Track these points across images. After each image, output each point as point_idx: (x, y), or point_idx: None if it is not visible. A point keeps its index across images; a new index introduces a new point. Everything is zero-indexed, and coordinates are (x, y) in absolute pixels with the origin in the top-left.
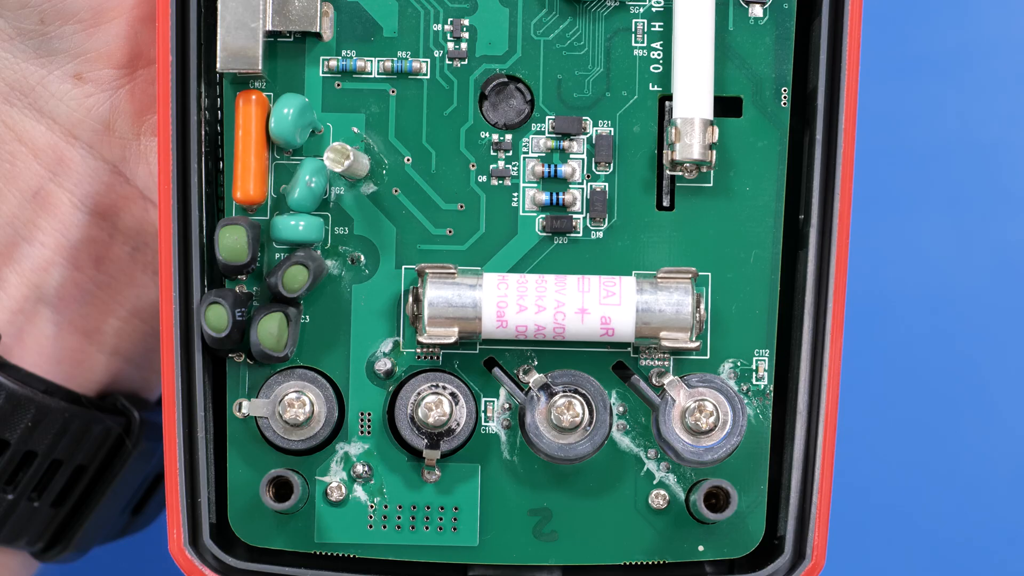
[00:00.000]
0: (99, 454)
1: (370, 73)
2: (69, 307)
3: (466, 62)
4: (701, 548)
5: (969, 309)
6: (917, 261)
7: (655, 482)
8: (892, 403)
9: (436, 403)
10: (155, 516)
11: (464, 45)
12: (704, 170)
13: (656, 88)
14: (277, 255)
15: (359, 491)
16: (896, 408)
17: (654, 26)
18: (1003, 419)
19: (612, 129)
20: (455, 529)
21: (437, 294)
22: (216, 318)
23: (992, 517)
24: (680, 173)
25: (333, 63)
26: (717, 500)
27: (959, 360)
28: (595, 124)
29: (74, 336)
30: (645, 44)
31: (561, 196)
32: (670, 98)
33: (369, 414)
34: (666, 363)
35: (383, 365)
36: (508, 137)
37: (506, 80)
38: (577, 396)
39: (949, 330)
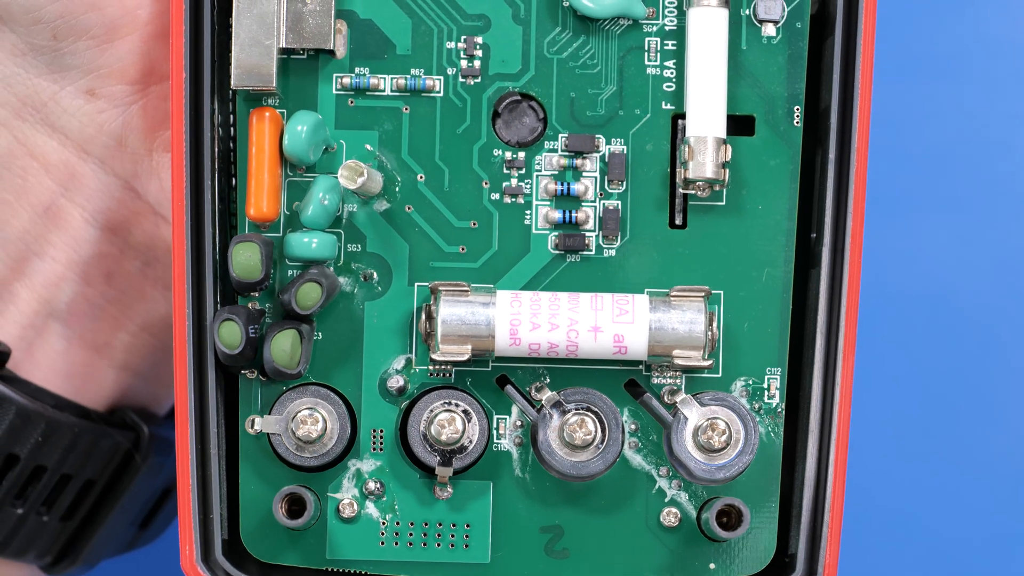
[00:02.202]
0: (108, 469)
1: (383, 90)
2: (79, 322)
3: (479, 80)
4: (713, 566)
5: (984, 323)
6: (928, 276)
7: (667, 500)
8: (904, 420)
9: (449, 420)
10: (163, 530)
11: (477, 63)
12: (717, 188)
13: (669, 106)
14: (290, 272)
15: (371, 508)
16: (908, 426)
17: (667, 45)
18: (1021, 434)
19: (625, 147)
20: (467, 546)
21: (450, 312)
22: (229, 335)
23: (1008, 535)
24: (693, 191)
25: (346, 80)
26: (729, 518)
27: (974, 376)
28: (608, 142)
29: (84, 351)
30: (658, 62)
31: (574, 214)
32: (683, 116)
33: (381, 431)
34: (678, 381)
35: (395, 382)
36: (521, 155)
37: (519, 98)
38: (589, 414)
39: (964, 345)
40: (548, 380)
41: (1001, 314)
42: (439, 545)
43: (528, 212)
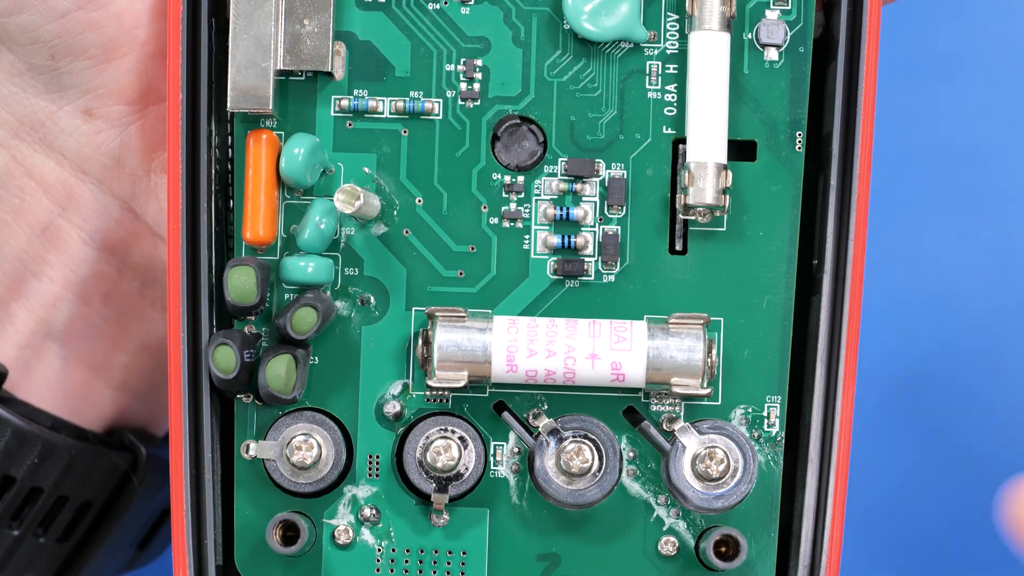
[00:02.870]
0: (105, 490)
1: (382, 113)
2: (77, 342)
3: (479, 103)
4: None
5: (987, 342)
6: (930, 288)
7: (665, 528)
8: (905, 452)
9: (445, 447)
10: (161, 551)
11: (477, 86)
12: (717, 214)
13: (670, 131)
14: (286, 296)
15: (367, 534)
16: (909, 457)
17: (668, 68)
18: None
19: (625, 172)
20: (463, 574)
21: (447, 338)
22: (224, 359)
23: (1013, 564)
24: (693, 217)
25: (345, 103)
26: (727, 548)
27: (977, 404)
28: (608, 167)
29: (81, 371)
30: (659, 86)
31: (573, 239)
32: (684, 141)
33: (377, 457)
34: (677, 409)
35: (392, 408)
36: (520, 179)
37: (519, 121)
38: (587, 441)
39: (967, 367)
40: (546, 407)
41: (1004, 331)
42: (435, 573)
43: (527, 237)
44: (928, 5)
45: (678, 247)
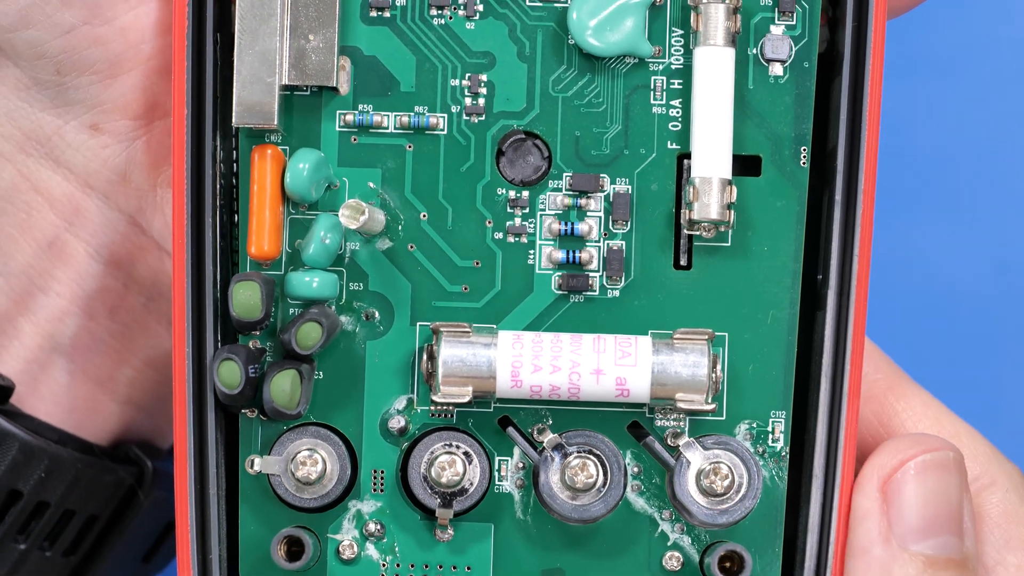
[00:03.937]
0: (111, 504)
1: (387, 128)
2: (83, 356)
3: (483, 118)
4: None
5: (991, 352)
6: (933, 306)
7: (669, 543)
8: None
9: (449, 462)
10: (166, 564)
11: (482, 101)
12: (722, 229)
13: (675, 146)
14: (291, 311)
15: (371, 549)
16: None
17: (673, 83)
18: None
19: (630, 187)
20: None
21: (451, 353)
22: (229, 374)
23: None
24: (698, 232)
25: (350, 117)
26: (731, 563)
27: (978, 408)
28: (613, 182)
29: (87, 385)
30: (664, 102)
31: (578, 254)
32: (688, 156)
33: (382, 472)
34: (682, 424)
35: (397, 423)
36: (525, 194)
37: (523, 136)
38: (591, 457)
39: (968, 378)
40: (550, 422)
41: (1004, 333)
42: None
43: (531, 252)
44: (925, 6)
45: (683, 262)
